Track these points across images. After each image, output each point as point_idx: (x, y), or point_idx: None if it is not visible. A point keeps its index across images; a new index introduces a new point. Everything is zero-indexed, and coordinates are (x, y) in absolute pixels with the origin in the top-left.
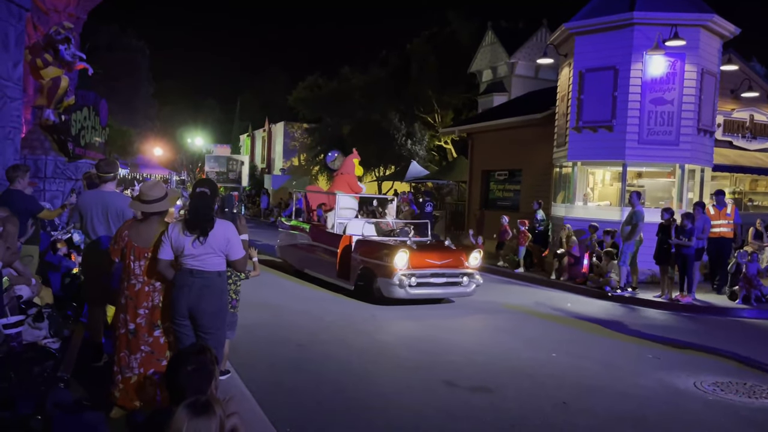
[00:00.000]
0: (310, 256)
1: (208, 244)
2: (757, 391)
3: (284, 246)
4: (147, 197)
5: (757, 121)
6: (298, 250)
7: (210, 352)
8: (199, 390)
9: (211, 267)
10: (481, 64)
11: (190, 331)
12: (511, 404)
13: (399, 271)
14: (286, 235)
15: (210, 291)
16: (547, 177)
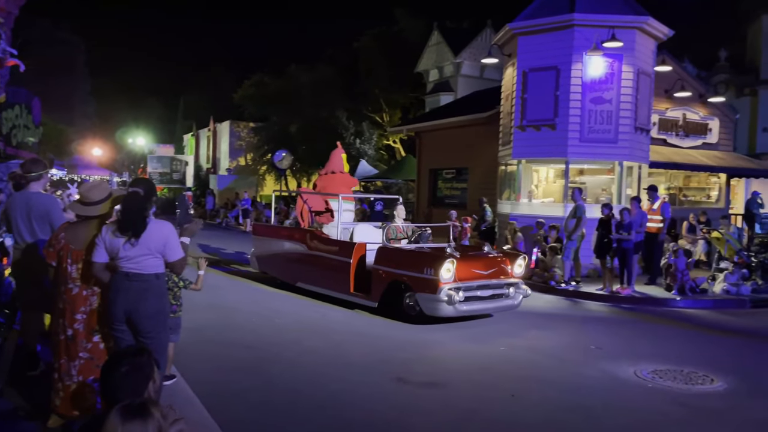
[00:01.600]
0: (307, 268)
1: (143, 245)
2: (692, 377)
3: (265, 256)
4: (87, 199)
5: (689, 119)
6: (289, 262)
7: (147, 353)
8: (135, 393)
9: (148, 269)
10: (428, 63)
11: (129, 335)
12: (462, 398)
13: (445, 284)
14: (266, 243)
15: (148, 294)
16: (493, 175)
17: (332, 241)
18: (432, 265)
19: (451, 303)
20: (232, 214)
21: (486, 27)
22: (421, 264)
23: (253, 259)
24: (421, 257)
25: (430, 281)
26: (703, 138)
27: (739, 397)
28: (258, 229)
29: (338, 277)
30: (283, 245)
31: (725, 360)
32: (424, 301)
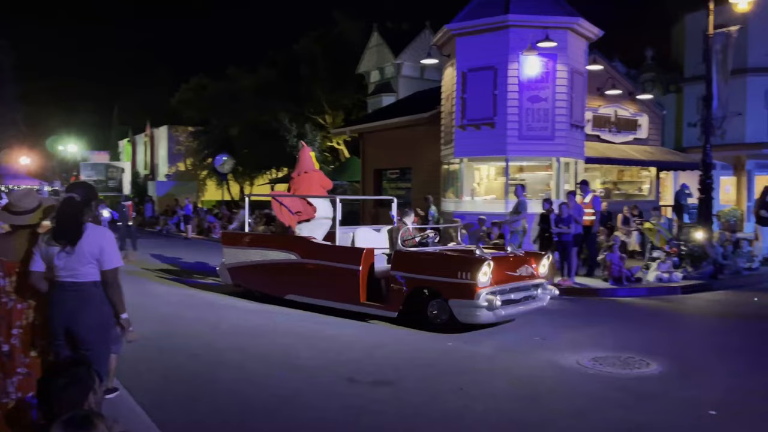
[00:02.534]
0: (300, 278)
1: (79, 253)
2: (630, 362)
3: (241, 267)
4: (16, 208)
5: (620, 116)
6: (275, 273)
7: (86, 364)
8: (74, 405)
9: (85, 278)
10: (369, 65)
11: (66, 349)
12: (413, 394)
13: (483, 289)
14: (242, 253)
15: (87, 303)
16: (436, 174)
17: (334, 248)
18: (468, 269)
19: (492, 308)
20: (172, 221)
21: (425, 28)
22: (454, 268)
23: (223, 272)
24: (454, 260)
25: (466, 286)
26: (633, 134)
27: (673, 379)
28: (230, 238)
29: (344, 287)
30: (265, 254)
31: (659, 344)
32: (459, 307)
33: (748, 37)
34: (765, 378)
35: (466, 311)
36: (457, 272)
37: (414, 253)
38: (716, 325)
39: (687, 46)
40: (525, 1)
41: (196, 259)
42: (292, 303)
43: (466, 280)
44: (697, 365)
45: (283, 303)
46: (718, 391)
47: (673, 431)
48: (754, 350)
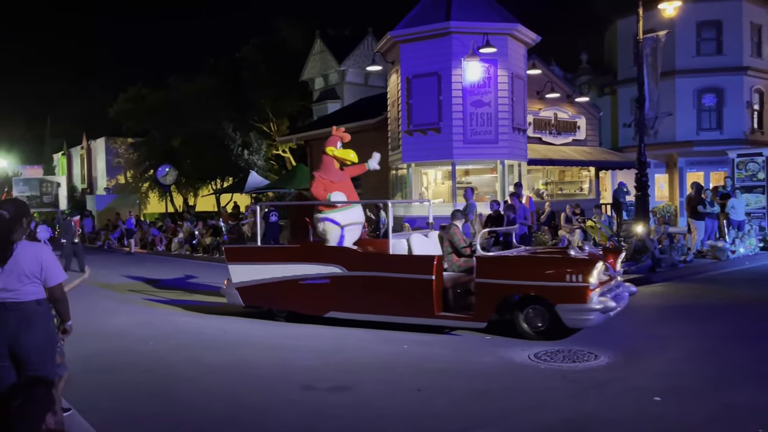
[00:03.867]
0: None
1: (17, 272)
2: (579, 355)
3: (258, 286)
4: None
5: (560, 118)
6: (312, 289)
7: (45, 384)
8: (31, 427)
9: (26, 296)
10: (313, 72)
11: (12, 371)
12: (371, 398)
13: (594, 291)
14: (259, 270)
15: (31, 323)
16: (385, 179)
17: (396, 258)
18: (580, 271)
19: (606, 311)
20: (114, 235)
21: (367, 35)
22: (563, 271)
23: (230, 292)
24: (563, 263)
25: (577, 289)
26: (573, 135)
27: (619, 369)
28: (239, 254)
29: (412, 299)
30: (294, 269)
31: (605, 337)
32: (569, 312)
33: (676, 41)
34: (704, 364)
35: (576, 316)
36: (566, 275)
37: (509, 258)
38: (658, 316)
39: (619, 49)
40: (465, 8)
41: (143, 273)
42: (237, 314)
43: (578, 283)
44: (642, 355)
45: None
46: (662, 379)
47: (621, 418)
48: (693, 338)
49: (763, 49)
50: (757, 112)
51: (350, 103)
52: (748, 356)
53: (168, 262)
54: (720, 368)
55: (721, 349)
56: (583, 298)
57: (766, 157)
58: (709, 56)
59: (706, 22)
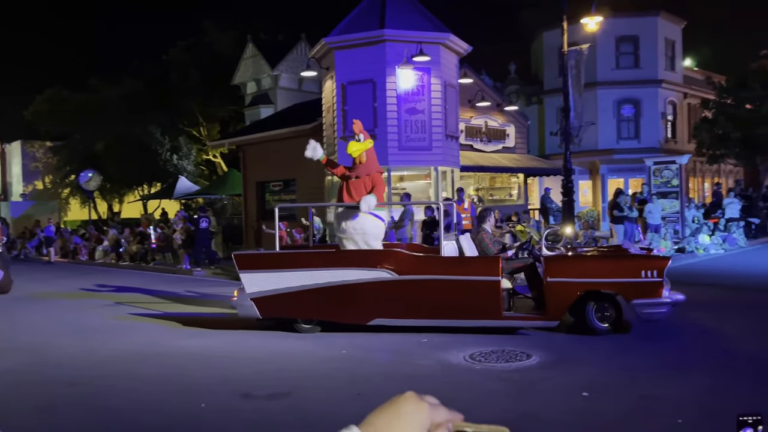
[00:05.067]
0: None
1: None
2: (512, 355)
3: (282, 296)
4: None
5: (490, 126)
6: (354, 296)
7: None
8: None
9: None
10: (245, 76)
11: None
12: (311, 403)
13: (666, 287)
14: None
15: None
16: (321, 185)
17: (458, 260)
18: (654, 267)
19: (675, 304)
20: (31, 244)
21: (301, 40)
22: (638, 268)
23: (245, 304)
24: (636, 260)
25: (652, 285)
26: (502, 142)
27: (549, 368)
28: (258, 261)
29: (476, 302)
30: (331, 275)
31: (536, 337)
32: (644, 306)
33: (597, 54)
34: (628, 358)
35: (651, 309)
36: (641, 272)
37: (582, 258)
38: None
39: (545, 61)
40: (399, 17)
41: (64, 283)
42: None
43: (653, 279)
44: (571, 354)
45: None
46: (590, 376)
47: (552, 414)
48: (618, 336)
49: (676, 63)
50: (671, 123)
51: (284, 108)
52: (670, 352)
53: (92, 272)
54: (643, 364)
55: (644, 346)
56: (657, 293)
57: (679, 165)
58: (627, 69)
59: (624, 37)
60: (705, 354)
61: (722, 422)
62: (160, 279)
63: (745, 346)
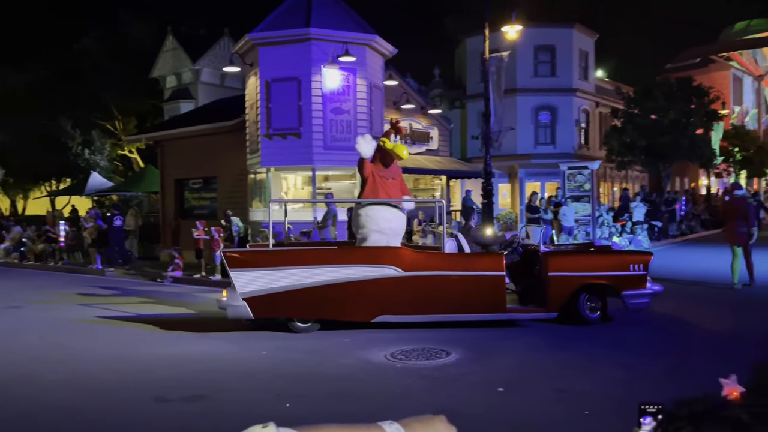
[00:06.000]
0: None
1: None
2: (432, 353)
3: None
4: None
5: (415, 129)
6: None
7: None
8: None
9: None
10: (164, 69)
11: None
12: (230, 405)
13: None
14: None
15: None
16: (243, 183)
17: (464, 256)
18: (641, 261)
19: (656, 294)
20: None
21: (224, 35)
22: (627, 262)
23: (236, 304)
24: (627, 256)
25: (640, 278)
26: (426, 145)
27: (468, 364)
28: (252, 259)
29: (482, 297)
30: (332, 273)
31: (455, 336)
32: (632, 297)
33: (517, 61)
34: (540, 355)
35: (638, 300)
36: (629, 266)
37: (580, 254)
38: None
39: (468, 66)
40: (325, 16)
41: None
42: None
43: (640, 272)
44: (489, 350)
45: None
46: (506, 371)
47: (471, 409)
48: (533, 334)
49: (589, 73)
50: (584, 130)
51: (205, 103)
52: (581, 348)
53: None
54: (556, 360)
55: (558, 343)
56: (643, 284)
57: (591, 170)
58: (545, 77)
59: (542, 46)
60: (616, 348)
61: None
62: (68, 279)
63: (658, 339)
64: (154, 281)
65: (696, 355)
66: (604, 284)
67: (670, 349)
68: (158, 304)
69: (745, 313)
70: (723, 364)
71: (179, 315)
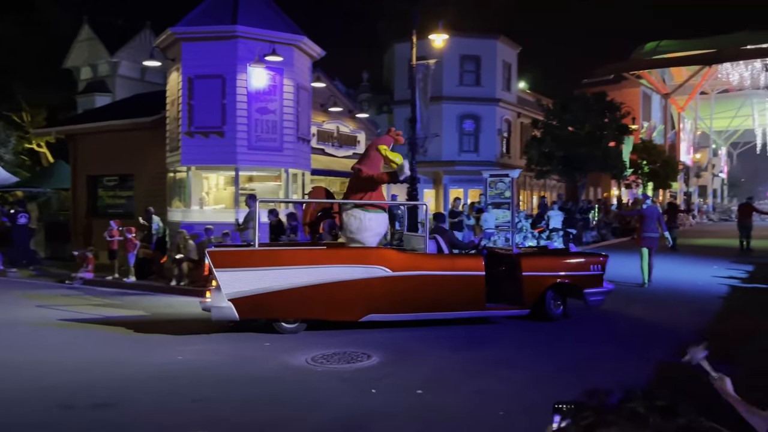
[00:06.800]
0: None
1: None
2: (353, 357)
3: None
4: None
5: (342, 132)
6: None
7: None
8: None
9: None
10: (79, 60)
11: None
12: (142, 412)
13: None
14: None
15: None
16: (162, 181)
17: (450, 257)
18: (598, 263)
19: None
20: None
21: (145, 28)
22: (587, 263)
23: (221, 305)
24: (588, 257)
25: (598, 277)
26: (353, 148)
27: (388, 367)
28: (238, 259)
29: (464, 295)
30: (321, 274)
31: (377, 338)
32: (592, 295)
33: (443, 69)
34: (457, 356)
35: (597, 297)
36: (590, 266)
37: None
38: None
39: (396, 72)
40: (252, 14)
41: None
42: None
43: (598, 272)
44: (408, 353)
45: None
46: (425, 373)
47: (392, 410)
48: (453, 336)
49: (511, 84)
50: (506, 139)
51: (123, 97)
52: (499, 349)
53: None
54: (474, 360)
55: (480, 344)
56: (601, 283)
57: (512, 178)
58: (470, 86)
59: (467, 56)
60: (530, 348)
61: (538, 411)
62: None
63: (569, 337)
64: (63, 283)
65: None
66: (570, 283)
67: (592, 346)
68: (66, 306)
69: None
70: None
71: (88, 318)
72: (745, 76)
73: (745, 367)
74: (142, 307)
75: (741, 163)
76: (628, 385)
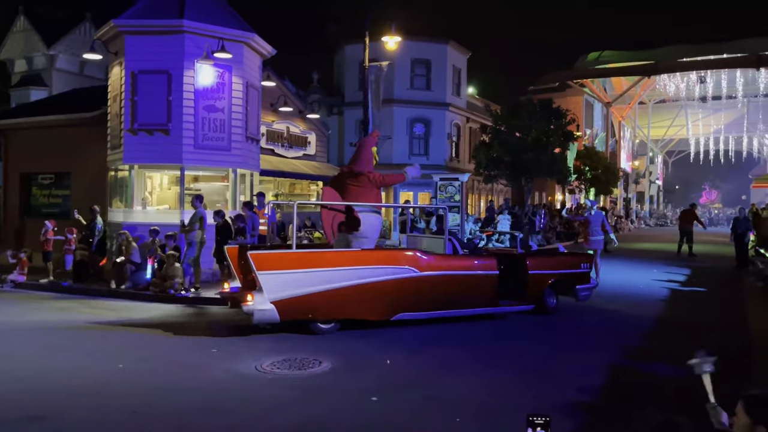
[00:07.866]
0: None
1: None
2: (305, 363)
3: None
4: None
5: (292, 132)
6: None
7: None
8: None
9: None
10: (13, 51)
11: None
12: (77, 425)
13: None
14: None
15: None
16: (102, 180)
17: (470, 258)
18: (588, 261)
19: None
20: None
21: (85, 20)
22: (579, 262)
23: (265, 308)
24: (577, 257)
25: (587, 274)
26: (303, 150)
27: (341, 373)
28: (281, 261)
29: (482, 293)
30: (355, 275)
31: (328, 345)
32: (583, 291)
33: (395, 72)
34: (412, 363)
35: (585, 293)
36: (580, 264)
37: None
38: (375, 323)
39: (347, 73)
40: (200, 9)
41: None
42: None
43: (587, 270)
44: (362, 359)
45: None
46: (379, 379)
47: (343, 419)
48: (408, 341)
49: (461, 90)
50: (455, 144)
51: (61, 92)
52: (454, 354)
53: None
54: (428, 366)
55: (430, 350)
56: (589, 280)
57: (461, 182)
58: (420, 90)
59: (418, 60)
60: (484, 353)
61: (494, 416)
62: None
63: (522, 343)
64: None
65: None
66: (566, 280)
67: (552, 346)
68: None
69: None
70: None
71: (21, 324)
72: (681, 88)
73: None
74: (80, 311)
75: (675, 171)
76: None
